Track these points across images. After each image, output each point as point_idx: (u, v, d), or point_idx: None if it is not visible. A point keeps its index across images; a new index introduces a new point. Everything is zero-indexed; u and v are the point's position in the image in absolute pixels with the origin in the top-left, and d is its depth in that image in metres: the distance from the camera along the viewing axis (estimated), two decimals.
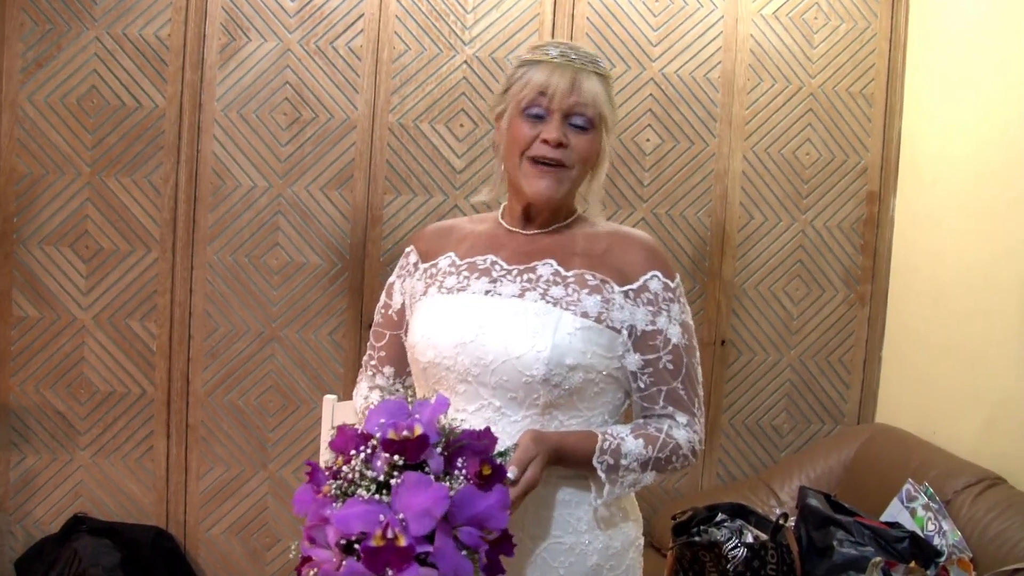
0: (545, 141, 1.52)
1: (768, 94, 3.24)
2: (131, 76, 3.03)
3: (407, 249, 1.72)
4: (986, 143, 2.85)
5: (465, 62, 3.12)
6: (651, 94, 3.19)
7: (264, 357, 3.13)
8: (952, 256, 2.98)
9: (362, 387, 1.73)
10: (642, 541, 1.66)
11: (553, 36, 3.12)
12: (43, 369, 3.07)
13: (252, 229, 3.10)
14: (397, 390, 1.70)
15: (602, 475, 1.48)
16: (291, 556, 1.28)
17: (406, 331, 1.66)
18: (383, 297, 1.73)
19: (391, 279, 1.73)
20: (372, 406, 1.65)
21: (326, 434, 2.47)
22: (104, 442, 3.11)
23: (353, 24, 3.08)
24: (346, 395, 3.05)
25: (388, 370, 1.71)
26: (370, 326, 1.77)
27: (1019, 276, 2.68)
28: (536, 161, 1.53)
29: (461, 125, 3.12)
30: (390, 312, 1.70)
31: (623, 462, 1.48)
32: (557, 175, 1.53)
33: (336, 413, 2.49)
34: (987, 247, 2.82)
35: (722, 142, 3.23)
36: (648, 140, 3.20)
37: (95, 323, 3.08)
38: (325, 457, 2.45)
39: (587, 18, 3.14)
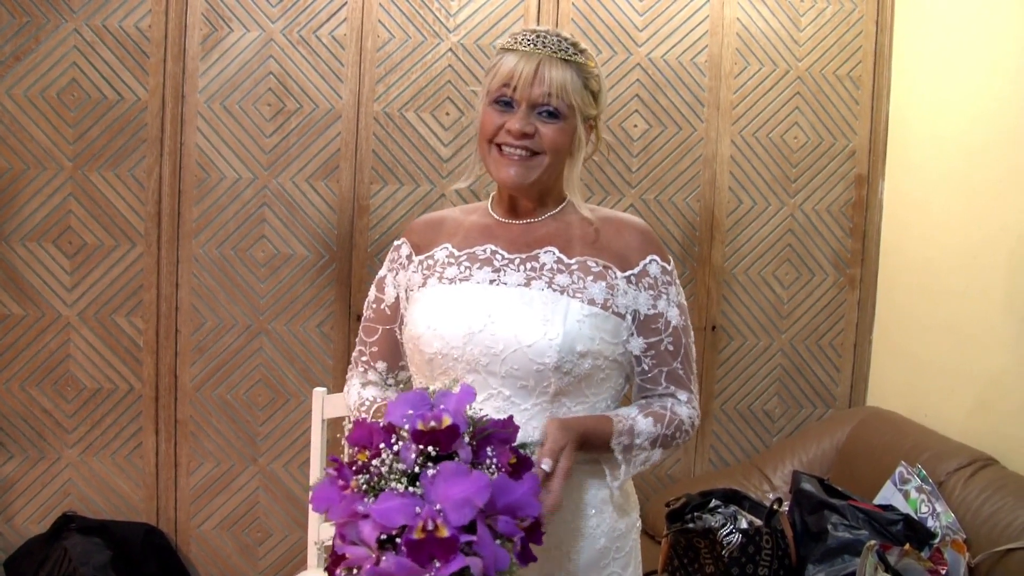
0: (509, 131, 1.51)
1: (755, 78, 3.22)
2: (112, 68, 2.99)
3: (397, 243, 1.70)
4: (974, 124, 2.84)
5: (450, 50, 3.09)
6: (638, 79, 3.17)
7: (252, 351, 3.11)
8: (941, 238, 2.97)
9: (354, 384, 1.71)
10: (640, 524, 1.68)
11: (539, 22, 3.09)
12: (28, 367, 3.04)
13: (238, 222, 3.07)
14: (390, 385, 1.69)
15: (619, 456, 1.51)
16: (319, 555, 1.25)
17: (400, 325, 1.65)
18: (373, 292, 1.71)
19: (381, 273, 1.71)
20: (368, 400, 1.64)
21: (316, 427, 2.45)
22: (92, 439, 3.08)
23: (336, 12, 3.05)
24: (336, 387, 3.04)
25: (381, 365, 1.68)
26: (359, 317, 1.75)
27: (1008, 257, 2.68)
28: (503, 148, 1.53)
29: (447, 113, 3.10)
30: (382, 306, 1.68)
31: (636, 441, 1.51)
32: (526, 163, 1.53)
33: (326, 406, 2.47)
34: (976, 228, 2.81)
35: (710, 127, 3.22)
36: (636, 126, 3.18)
37: (80, 319, 3.05)
38: (316, 450, 2.44)
39: (572, 3, 3.11)
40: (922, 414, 2.99)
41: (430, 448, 1.22)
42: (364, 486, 1.23)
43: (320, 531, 2.41)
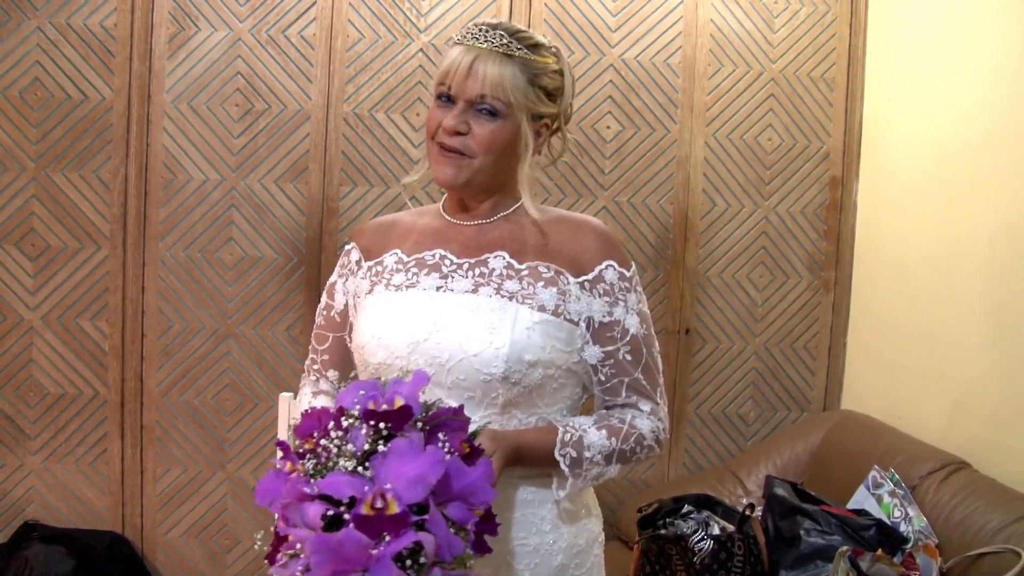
0: (444, 128, 1.47)
1: (729, 79, 3.20)
2: (76, 68, 2.94)
3: (347, 247, 1.65)
4: (948, 126, 2.84)
5: (421, 50, 3.06)
6: (611, 80, 3.15)
7: (220, 355, 3.06)
8: (915, 240, 2.97)
9: (306, 392, 1.65)
10: (603, 537, 1.63)
11: (511, 21, 3.06)
12: None
13: (205, 224, 3.02)
14: None
15: (565, 468, 1.43)
16: (256, 547, 1.22)
17: (350, 332, 1.60)
18: (324, 298, 1.66)
19: (332, 279, 1.66)
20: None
21: (283, 432, 2.41)
22: (56, 446, 3.02)
23: (306, 12, 3.00)
24: None
25: (332, 374, 1.64)
26: None
27: (982, 259, 2.67)
28: (439, 146, 1.49)
29: (418, 114, 3.06)
30: (332, 313, 1.63)
31: (586, 455, 1.44)
32: (457, 162, 1.48)
33: (292, 411, 2.43)
34: (950, 230, 2.81)
35: (683, 128, 3.20)
36: (608, 127, 3.16)
37: (44, 323, 2.99)
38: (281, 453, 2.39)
39: (545, 3, 3.08)
40: (896, 417, 2.98)
41: (382, 425, 1.18)
42: (311, 469, 1.19)
43: None
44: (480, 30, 1.47)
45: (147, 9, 2.94)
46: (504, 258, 1.50)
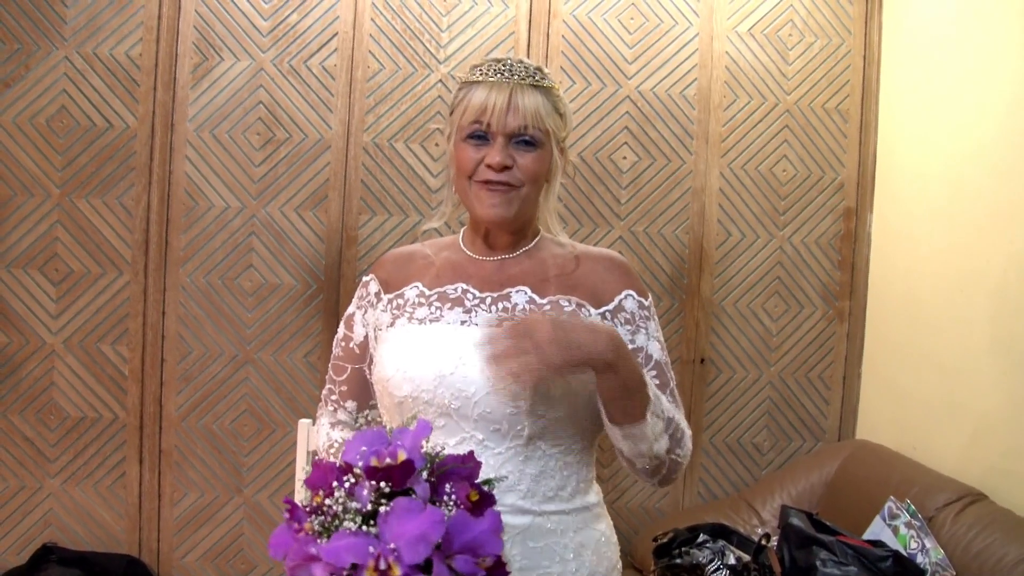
0: (489, 166, 1.48)
1: (744, 111, 3.24)
2: (101, 96, 2.99)
3: (366, 279, 1.66)
4: (961, 158, 2.86)
5: (440, 81, 3.10)
6: (627, 112, 3.18)
7: (238, 380, 3.08)
8: (929, 270, 2.98)
9: (323, 423, 1.66)
10: (620, 564, 1.64)
11: (528, 54, 3.10)
12: (11, 395, 3.01)
13: (225, 251, 3.06)
14: (360, 426, 1.65)
15: (652, 395, 1.39)
16: None
17: (369, 364, 1.62)
18: (342, 329, 1.67)
19: (350, 310, 1.67)
20: (337, 443, 1.60)
21: (301, 458, 2.42)
22: (75, 469, 3.05)
23: (327, 43, 3.06)
24: None
25: (350, 404, 1.65)
26: None
27: (995, 289, 2.68)
28: (484, 184, 1.50)
29: (436, 144, 3.10)
30: (351, 345, 1.64)
31: (661, 405, 1.43)
32: (507, 196, 1.50)
33: (311, 437, 2.45)
34: (963, 261, 2.82)
35: (699, 159, 3.23)
36: (625, 158, 3.19)
37: (65, 347, 3.02)
38: (300, 482, 2.41)
39: (562, 36, 3.13)
40: (911, 447, 2.98)
41: (383, 485, 1.18)
42: (318, 527, 1.19)
43: None
44: (504, 65, 1.50)
45: (172, 40, 3.00)
46: (526, 293, 1.52)
